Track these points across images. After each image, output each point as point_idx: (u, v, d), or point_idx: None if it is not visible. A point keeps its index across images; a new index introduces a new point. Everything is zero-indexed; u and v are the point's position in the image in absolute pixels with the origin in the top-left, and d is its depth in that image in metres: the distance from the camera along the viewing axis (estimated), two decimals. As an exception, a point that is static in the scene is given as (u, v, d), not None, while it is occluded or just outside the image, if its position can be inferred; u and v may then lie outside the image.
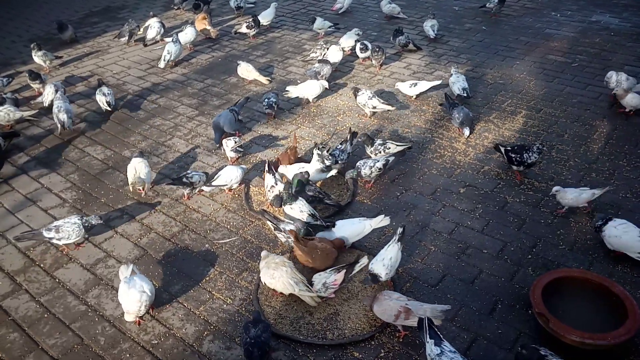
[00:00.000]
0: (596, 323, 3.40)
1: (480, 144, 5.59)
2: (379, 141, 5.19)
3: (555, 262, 4.08)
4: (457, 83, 6.27)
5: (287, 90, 6.34)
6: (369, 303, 3.55)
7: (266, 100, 6.11)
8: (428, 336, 3.11)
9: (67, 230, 4.17)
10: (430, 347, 3.07)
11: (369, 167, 4.81)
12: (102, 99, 6.31)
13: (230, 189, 4.94)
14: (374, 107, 6.01)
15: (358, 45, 7.36)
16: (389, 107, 5.98)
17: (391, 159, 4.91)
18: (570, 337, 3.25)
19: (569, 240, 4.29)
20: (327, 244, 3.99)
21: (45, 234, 4.19)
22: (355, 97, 6.09)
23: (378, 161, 4.84)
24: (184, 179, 4.78)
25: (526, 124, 5.94)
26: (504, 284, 3.93)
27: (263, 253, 3.87)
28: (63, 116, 5.85)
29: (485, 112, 6.20)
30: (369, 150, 5.19)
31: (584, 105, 6.27)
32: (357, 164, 4.87)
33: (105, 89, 6.37)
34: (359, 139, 5.25)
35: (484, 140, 5.66)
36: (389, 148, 5.13)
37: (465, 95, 6.17)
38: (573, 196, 4.43)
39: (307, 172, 4.58)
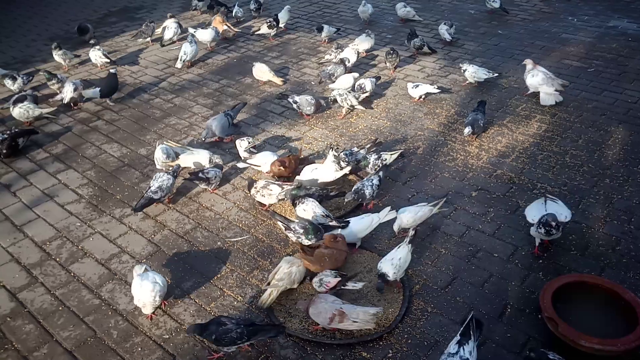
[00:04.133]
0: (606, 329, 3.38)
1: (493, 148, 5.58)
2: (373, 157, 5.00)
3: (567, 267, 4.07)
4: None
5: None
6: (305, 307, 3.54)
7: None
8: (460, 331, 3.13)
9: (164, 183, 4.71)
10: (452, 343, 3.10)
11: (370, 187, 4.60)
12: (97, 54, 7.57)
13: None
14: (364, 90, 6.37)
15: (365, 83, 6.44)
16: (366, 94, 6.39)
17: (381, 173, 4.76)
18: (580, 342, 3.24)
19: (581, 246, 4.27)
20: (335, 247, 3.95)
21: (154, 196, 4.65)
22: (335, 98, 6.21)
23: (373, 179, 4.66)
24: (200, 174, 4.89)
25: (540, 128, 5.92)
26: (514, 288, 3.93)
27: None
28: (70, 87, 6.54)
29: (499, 115, 6.19)
30: (369, 168, 5.01)
31: (599, 111, 6.22)
32: (356, 186, 4.64)
33: (97, 46, 7.69)
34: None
35: (497, 144, 5.65)
36: (385, 159, 5.01)
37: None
38: (410, 216, 4.25)
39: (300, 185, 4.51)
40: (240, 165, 5.22)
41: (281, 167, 4.91)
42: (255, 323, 3.46)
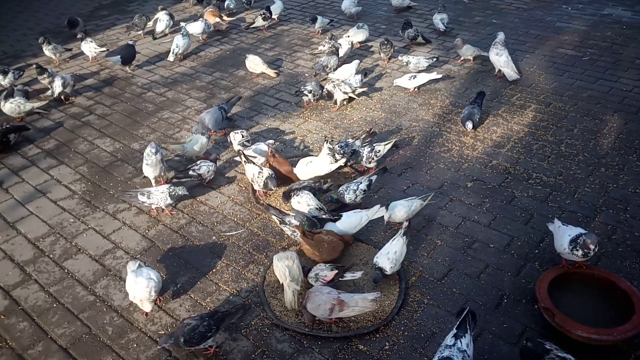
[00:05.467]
0: (602, 318, 3.38)
1: (488, 138, 5.56)
2: (367, 149, 4.93)
3: (563, 257, 4.05)
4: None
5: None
6: (303, 303, 3.53)
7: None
8: (457, 324, 3.13)
9: (156, 197, 4.50)
10: (449, 337, 3.09)
11: (352, 192, 4.44)
12: (91, 46, 7.52)
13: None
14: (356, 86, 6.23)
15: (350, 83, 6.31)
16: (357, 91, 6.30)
17: (374, 178, 4.61)
18: (576, 332, 3.24)
19: (577, 235, 4.26)
20: (334, 237, 4.01)
21: (140, 197, 4.54)
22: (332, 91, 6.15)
23: (361, 183, 4.52)
24: (191, 171, 4.83)
25: (535, 118, 5.90)
26: (510, 278, 3.92)
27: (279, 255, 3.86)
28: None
29: (494, 106, 6.16)
30: (363, 161, 4.96)
31: (594, 100, 6.21)
32: (340, 189, 4.55)
33: (89, 39, 7.64)
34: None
35: (492, 134, 5.63)
36: (379, 151, 4.95)
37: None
38: (404, 211, 4.20)
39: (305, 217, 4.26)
40: (247, 152, 5.00)
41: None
42: (219, 311, 3.48)
